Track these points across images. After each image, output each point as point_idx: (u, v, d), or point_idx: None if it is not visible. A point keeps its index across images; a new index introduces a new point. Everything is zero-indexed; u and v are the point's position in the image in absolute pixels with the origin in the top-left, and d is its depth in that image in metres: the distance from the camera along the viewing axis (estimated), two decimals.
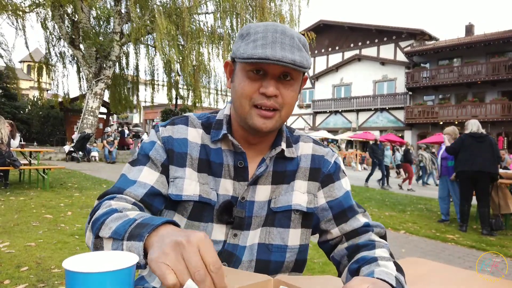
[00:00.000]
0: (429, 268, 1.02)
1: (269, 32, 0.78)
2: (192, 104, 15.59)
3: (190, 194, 0.83)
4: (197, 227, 0.84)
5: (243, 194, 0.85)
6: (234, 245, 0.84)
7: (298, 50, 0.77)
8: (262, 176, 0.87)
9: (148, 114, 30.99)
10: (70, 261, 0.47)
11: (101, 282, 0.44)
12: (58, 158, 13.02)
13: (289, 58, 0.74)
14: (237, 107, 0.82)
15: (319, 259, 3.45)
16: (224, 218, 0.84)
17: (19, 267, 2.82)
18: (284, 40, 0.77)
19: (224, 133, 0.86)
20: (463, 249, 4.34)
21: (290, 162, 0.91)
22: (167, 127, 0.89)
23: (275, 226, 0.86)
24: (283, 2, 15.18)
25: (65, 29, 13.57)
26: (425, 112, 24.71)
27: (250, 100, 0.79)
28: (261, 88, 0.78)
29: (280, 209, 0.86)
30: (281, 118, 0.81)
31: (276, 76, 0.78)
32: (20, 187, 6.83)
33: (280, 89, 0.79)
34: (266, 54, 0.73)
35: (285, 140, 0.90)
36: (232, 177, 0.86)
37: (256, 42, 0.76)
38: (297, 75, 0.81)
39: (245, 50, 0.76)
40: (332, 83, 30.17)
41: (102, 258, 0.50)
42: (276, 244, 0.86)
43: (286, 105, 0.81)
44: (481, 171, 4.97)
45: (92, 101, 14.07)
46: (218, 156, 0.87)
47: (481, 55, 23.18)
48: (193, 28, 13.97)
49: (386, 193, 9.29)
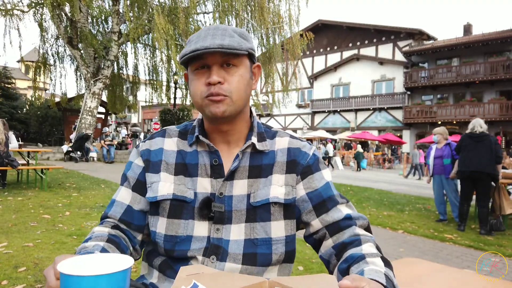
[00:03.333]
0: (427, 268, 1.02)
1: (203, 31, 0.87)
2: (191, 104, 15.57)
3: (164, 194, 0.88)
4: (177, 224, 0.88)
5: (221, 189, 0.89)
6: (219, 239, 0.87)
7: (229, 37, 0.84)
8: (237, 171, 0.90)
9: (147, 113, 31.00)
10: (65, 264, 0.47)
11: (96, 285, 0.44)
12: (56, 158, 13.00)
13: (217, 44, 0.81)
14: (195, 104, 0.89)
15: (318, 259, 3.44)
16: (204, 213, 0.88)
17: (17, 267, 2.81)
18: (215, 32, 0.85)
19: (196, 135, 0.92)
20: (461, 249, 4.34)
21: (266, 156, 0.93)
22: (146, 142, 0.98)
23: (257, 221, 0.88)
24: (281, 1, 15.17)
25: (63, 29, 13.54)
26: (423, 112, 24.76)
27: (201, 93, 0.86)
28: (207, 80, 0.84)
29: (258, 203, 0.89)
30: (234, 102, 0.86)
31: (218, 65, 0.84)
32: (18, 187, 6.81)
33: (225, 77, 0.84)
34: (196, 47, 0.81)
35: (256, 134, 0.94)
36: (209, 175, 0.90)
37: (191, 43, 0.86)
38: (240, 62, 0.86)
39: (183, 52, 0.84)
40: (331, 83, 30.19)
41: (97, 261, 0.50)
42: (261, 238, 0.88)
43: (235, 90, 0.85)
44: (478, 171, 4.97)
45: (90, 101, 14.04)
46: (193, 157, 0.92)
47: (479, 55, 23.23)
48: (192, 28, 13.95)
49: (384, 193, 9.30)
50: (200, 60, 0.84)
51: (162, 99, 16.19)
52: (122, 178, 0.97)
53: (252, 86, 0.93)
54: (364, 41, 28.25)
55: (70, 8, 12.81)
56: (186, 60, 0.86)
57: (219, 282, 0.61)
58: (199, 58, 0.84)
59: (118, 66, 16.63)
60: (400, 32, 26.09)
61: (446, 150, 5.77)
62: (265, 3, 14.00)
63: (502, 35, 21.78)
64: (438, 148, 5.89)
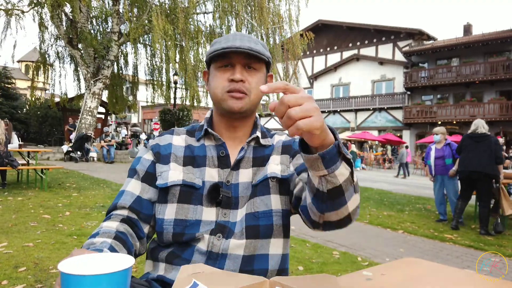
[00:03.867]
0: (427, 268, 1.02)
1: (231, 35, 0.97)
2: (190, 104, 15.56)
3: (175, 180, 0.94)
4: (187, 208, 0.93)
5: (228, 177, 0.96)
6: (226, 222, 0.93)
7: (255, 43, 0.96)
8: (242, 161, 0.99)
9: (147, 114, 30.97)
10: (66, 263, 0.47)
11: (96, 284, 0.44)
12: (56, 158, 12.98)
13: (247, 46, 0.92)
14: (214, 98, 0.98)
15: (318, 259, 3.45)
16: (212, 197, 0.94)
17: (17, 267, 2.81)
18: (242, 37, 0.96)
19: (205, 128, 1.01)
20: (462, 249, 4.34)
21: (267, 149, 1.04)
22: (156, 139, 1.05)
23: (257, 195, 0.95)
24: (281, 1, 15.16)
25: (63, 29, 13.53)
26: (423, 112, 24.75)
27: (223, 87, 0.94)
28: (230, 76, 0.93)
29: (258, 181, 0.96)
30: (251, 101, 0.96)
31: (242, 65, 0.94)
32: (18, 187, 6.81)
33: (246, 77, 0.94)
34: (228, 45, 0.92)
35: (260, 131, 1.05)
36: (216, 165, 0.98)
37: (219, 43, 0.96)
38: (259, 66, 0.97)
39: (210, 50, 0.96)
40: (331, 83, 30.19)
41: (98, 261, 0.50)
42: (262, 210, 0.94)
43: (253, 90, 0.95)
44: (477, 171, 4.97)
45: (91, 101, 14.03)
46: (201, 150, 1.00)
47: (479, 55, 23.22)
48: (192, 28, 13.94)
49: (384, 193, 9.30)
50: (226, 59, 0.94)
51: (163, 99, 16.18)
52: (130, 172, 1.01)
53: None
54: (364, 41, 28.24)
55: (70, 8, 12.81)
56: (210, 59, 0.96)
57: (219, 281, 0.61)
58: (225, 57, 0.94)
59: (118, 66, 16.62)
60: (400, 32, 26.09)
61: (446, 150, 5.76)
62: (265, 3, 13.99)
63: (502, 35, 21.78)
64: (438, 149, 5.88)
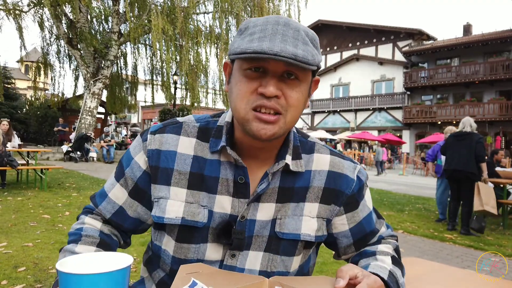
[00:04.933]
0: (427, 268, 1.02)
1: (270, 24, 0.67)
2: (190, 104, 15.57)
3: (172, 217, 0.75)
4: (187, 248, 0.77)
5: (243, 212, 0.75)
6: (232, 267, 0.77)
7: (303, 44, 0.66)
8: (264, 193, 0.77)
9: (147, 113, 30.96)
10: (64, 262, 0.47)
11: (95, 283, 0.44)
12: (56, 158, 12.98)
13: (290, 52, 0.62)
14: (234, 111, 0.71)
15: (317, 259, 3.44)
16: (221, 240, 0.76)
17: (17, 267, 2.81)
18: (286, 32, 0.66)
19: (222, 145, 0.75)
20: (461, 249, 4.34)
21: (300, 178, 0.79)
22: (156, 135, 0.79)
23: (279, 254, 0.78)
24: (281, 2, 15.16)
25: (62, 29, 13.53)
26: (423, 112, 24.77)
27: (248, 102, 0.68)
28: (259, 88, 0.66)
29: (287, 236, 0.77)
30: (286, 124, 0.69)
31: (278, 74, 0.67)
32: (18, 187, 6.80)
33: (283, 90, 0.67)
34: (262, 47, 0.63)
35: (291, 151, 0.78)
36: (231, 193, 0.76)
37: (254, 35, 0.66)
38: (304, 75, 0.69)
39: (239, 45, 0.66)
40: (331, 83, 30.19)
41: (97, 260, 0.50)
42: (278, 271, 0.78)
43: (291, 108, 0.69)
44: (458, 169, 5.00)
45: (90, 101, 14.03)
46: (214, 169, 0.77)
47: (479, 55, 23.24)
48: (191, 28, 13.95)
49: (384, 193, 9.30)
50: (259, 61, 0.66)
51: (163, 99, 16.19)
52: (118, 171, 0.83)
53: (306, 104, 0.75)
54: (364, 41, 28.25)
55: (70, 8, 12.81)
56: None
57: (218, 280, 0.61)
58: (258, 58, 0.65)
59: (118, 66, 16.63)
60: (400, 32, 26.10)
61: None
62: (264, 3, 14.01)
63: (501, 35, 21.79)
64: None
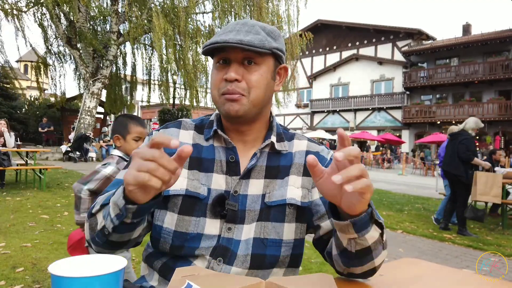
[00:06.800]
0: (426, 268, 1.01)
1: (232, 25, 0.85)
2: (190, 104, 15.56)
3: (177, 189, 0.84)
4: (188, 221, 0.84)
5: (235, 187, 0.86)
6: (229, 239, 0.84)
7: (254, 34, 0.81)
8: (254, 170, 0.88)
9: (146, 113, 30.92)
10: (57, 265, 0.46)
11: (88, 286, 0.43)
12: (55, 158, 12.99)
13: (236, 39, 0.78)
14: (213, 99, 0.87)
15: (317, 259, 3.44)
16: (217, 210, 0.84)
17: (15, 267, 2.80)
18: (242, 28, 0.83)
19: (214, 129, 0.89)
20: (460, 249, 4.34)
21: (284, 157, 0.92)
22: (160, 131, 0.93)
23: (270, 220, 0.86)
24: (280, 2, 15.14)
25: (62, 29, 13.51)
26: (422, 112, 24.78)
27: (219, 89, 0.84)
28: (224, 75, 0.82)
29: (274, 203, 0.86)
30: (250, 102, 0.83)
31: (239, 61, 0.82)
32: (17, 187, 6.79)
33: (244, 75, 0.82)
34: (216, 40, 0.79)
35: (275, 134, 0.92)
36: (225, 172, 0.88)
37: (216, 34, 0.83)
38: (262, 60, 0.83)
39: (204, 43, 0.82)
40: (330, 83, 30.20)
41: (90, 262, 0.49)
42: (271, 238, 0.85)
43: (253, 89, 0.83)
44: (445, 170, 5.08)
45: (89, 100, 14.01)
46: (209, 152, 0.89)
47: (478, 54, 23.25)
48: (191, 28, 13.94)
49: (383, 193, 9.30)
50: (222, 53, 0.83)
51: (162, 99, 16.18)
52: (128, 164, 0.90)
53: (274, 88, 0.90)
54: (363, 41, 28.26)
55: (68, 8, 12.79)
56: (209, 51, 0.84)
57: (214, 282, 0.60)
58: (222, 51, 0.82)
59: (117, 66, 16.60)
60: (399, 32, 26.11)
61: None
62: (264, 3, 13.98)
63: (501, 35, 21.80)
64: None
